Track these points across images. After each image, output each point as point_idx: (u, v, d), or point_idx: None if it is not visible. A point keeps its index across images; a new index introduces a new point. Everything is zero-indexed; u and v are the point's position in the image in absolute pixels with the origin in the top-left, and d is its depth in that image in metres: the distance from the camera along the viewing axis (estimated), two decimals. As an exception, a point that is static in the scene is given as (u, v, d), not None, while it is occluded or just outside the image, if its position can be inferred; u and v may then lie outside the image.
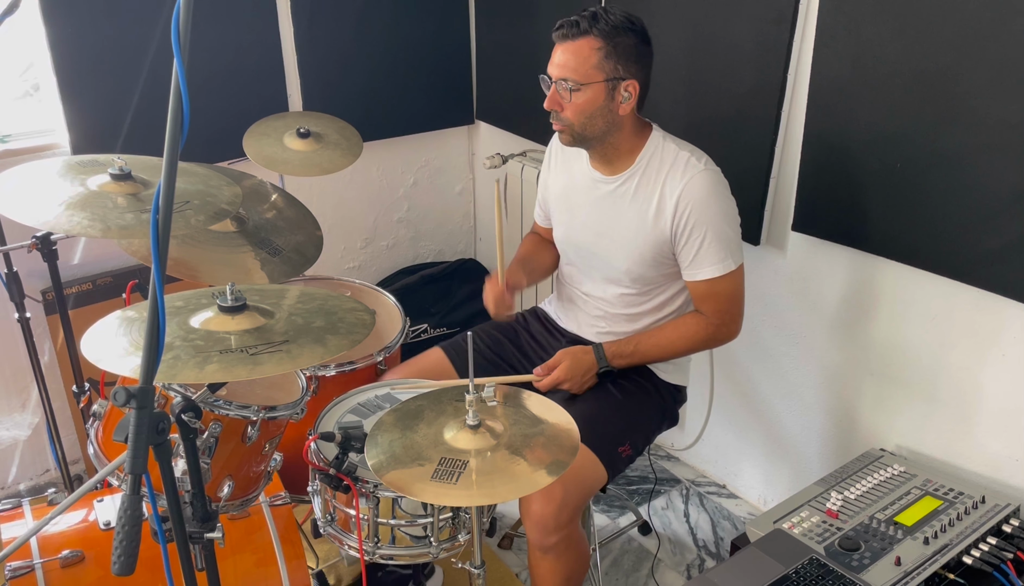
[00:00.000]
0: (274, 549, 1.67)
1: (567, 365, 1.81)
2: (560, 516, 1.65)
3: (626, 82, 1.67)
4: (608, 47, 1.64)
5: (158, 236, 0.94)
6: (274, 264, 1.76)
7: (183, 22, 0.90)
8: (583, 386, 1.83)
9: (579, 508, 1.71)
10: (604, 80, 1.66)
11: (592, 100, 1.67)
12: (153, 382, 0.98)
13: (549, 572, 1.72)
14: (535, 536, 1.68)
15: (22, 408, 2.49)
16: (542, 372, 1.82)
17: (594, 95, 1.67)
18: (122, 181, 1.48)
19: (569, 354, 1.83)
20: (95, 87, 2.33)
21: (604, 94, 1.67)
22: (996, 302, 1.72)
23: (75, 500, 1.15)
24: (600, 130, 1.72)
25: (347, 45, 2.75)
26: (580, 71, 1.65)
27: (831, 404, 2.17)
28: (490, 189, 3.22)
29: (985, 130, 1.64)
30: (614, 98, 1.68)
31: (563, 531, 1.67)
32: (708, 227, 1.70)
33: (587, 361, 1.82)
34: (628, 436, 1.81)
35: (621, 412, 1.82)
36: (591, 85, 1.66)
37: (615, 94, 1.68)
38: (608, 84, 1.66)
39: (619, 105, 1.69)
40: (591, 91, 1.66)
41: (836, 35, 1.86)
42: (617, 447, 1.78)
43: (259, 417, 1.47)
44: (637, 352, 1.84)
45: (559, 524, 1.65)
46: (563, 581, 1.73)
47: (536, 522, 1.66)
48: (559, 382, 1.81)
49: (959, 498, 1.71)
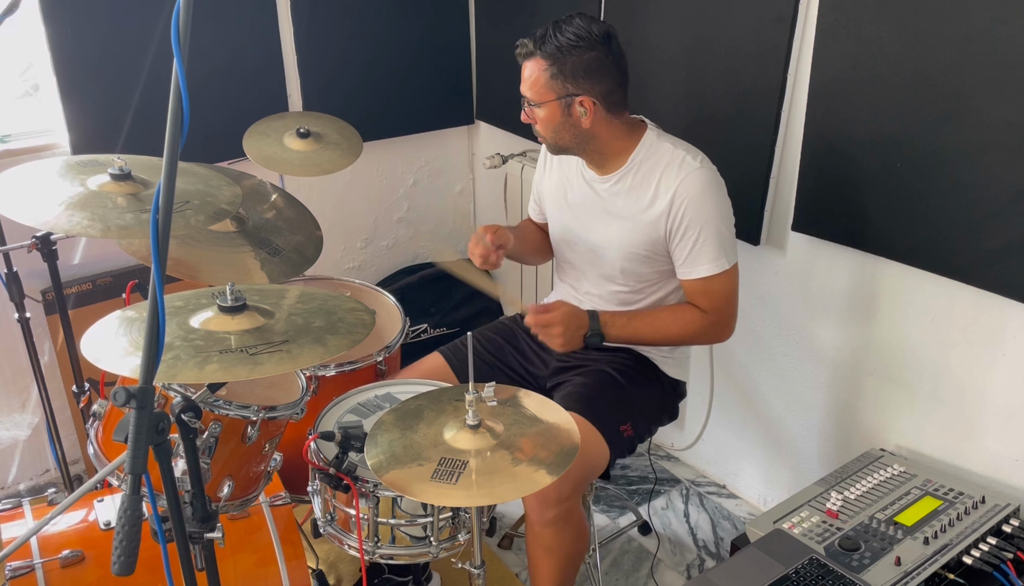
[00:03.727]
0: (274, 549, 1.67)
1: (565, 311, 1.76)
2: (562, 488, 1.64)
3: (579, 98, 1.69)
4: (554, 68, 1.67)
5: (158, 236, 0.94)
6: (274, 264, 1.76)
7: (183, 22, 0.90)
8: (567, 342, 1.76)
9: (580, 483, 1.71)
10: (556, 98, 1.69)
11: (551, 117, 1.73)
12: (153, 382, 0.98)
13: (548, 549, 1.71)
14: (535, 509, 1.68)
15: (22, 408, 2.49)
16: (538, 309, 1.78)
17: (551, 112, 1.72)
18: (122, 181, 1.48)
19: (567, 304, 1.80)
20: (95, 87, 2.33)
21: (560, 111, 1.71)
22: (996, 302, 1.72)
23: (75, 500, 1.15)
24: (572, 142, 1.76)
25: (347, 45, 2.75)
26: (534, 90, 1.72)
27: (831, 404, 2.17)
28: (491, 189, 3.22)
29: (985, 130, 1.64)
30: (571, 114, 1.71)
31: (564, 504, 1.66)
32: (703, 225, 1.70)
33: (581, 317, 1.78)
34: (629, 416, 1.81)
35: (621, 391, 1.83)
36: (545, 103, 1.71)
37: (571, 110, 1.71)
38: (561, 102, 1.70)
39: (578, 120, 1.71)
40: (547, 109, 1.72)
41: (836, 35, 1.86)
42: (618, 425, 1.78)
43: (259, 417, 1.47)
44: (630, 326, 1.81)
45: (560, 496, 1.65)
46: (562, 558, 1.72)
47: (537, 493, 1.64)
48: (550, 323, 1.75)
49: (959, 498, 1.71)
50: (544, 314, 1.76)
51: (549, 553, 1.71)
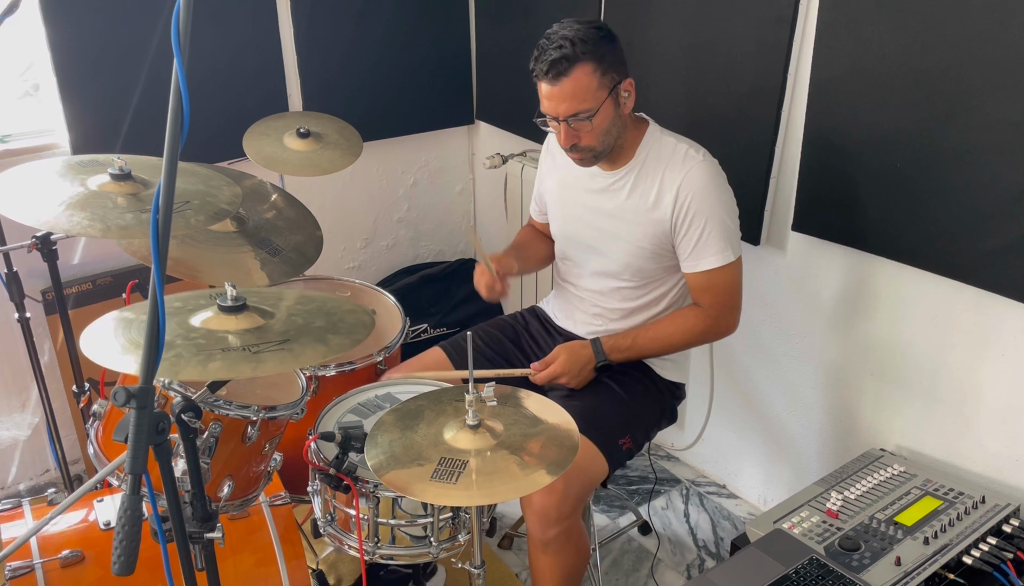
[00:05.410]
0: (274, 549, 1.67)
1: (564, 359, 1.81)
2: (562, 507, 1.65)
3: (623, 84, 1.70)
4: (600, 64, 1.65)
5: (158, 236, 0.94)
6: (274, 264, 1.76)
7: (183, 22, 0.90)
8: (581, 381, 1.83)
9: (580, 500, 1.71)
10: (608, 94, 1.67)
11: (606, 117, 1.69)
12: (153, 382, 0.98)
13: (550, 566, 1.72)
14: (536, 528, 1.69)
15: (22, 408, 2.49)
16: (539, 367, 1.82)
17: (605, 113, 1.69)
18: (122, 181, 1.48)
19: (566, 349, 1.83)
20: (95, 87, 2.33)
21: (613, 106, 1.69)
22: (996, 302, 1.72)
23: (75, 500, 1.15)
24: (616, 138, 1.74)
25: (347, 45, 2.75)
26: (589, 99, 1.65)
27: (831, 404, 2.17)
28: (491, 189, 3.22)
29: (985, 130, 1.64)
30: (619, 104, 1.71)
31: (564, 523, 1.67)
32: (708, 217, 1.71)
33: (584, 355, 1.82)
34: (628, 429, 1.81)
35: (621, 405, 1.83)
36: (602, 105, 1.67)
37: (619, 100, 1.71)
38: (612, 95, 1.68)
39: (623, 106, 1.72)
40: (604, 110, 1.68)
41: (836, 35, 1.86)
42: (617, 439, 1.78)
43: (259, 417, 1.47)
44: (635, 346, 1.83)
45: (561, 515, 1.66)
46: (564, 575, 1.73)
47: (537, 513, 1.66)
48: (556, 376, 1.81)
49: (959, 498, 1.71)
50: (546, 369, 1.81)
51: (551, 570, 1.73)
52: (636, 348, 1.84)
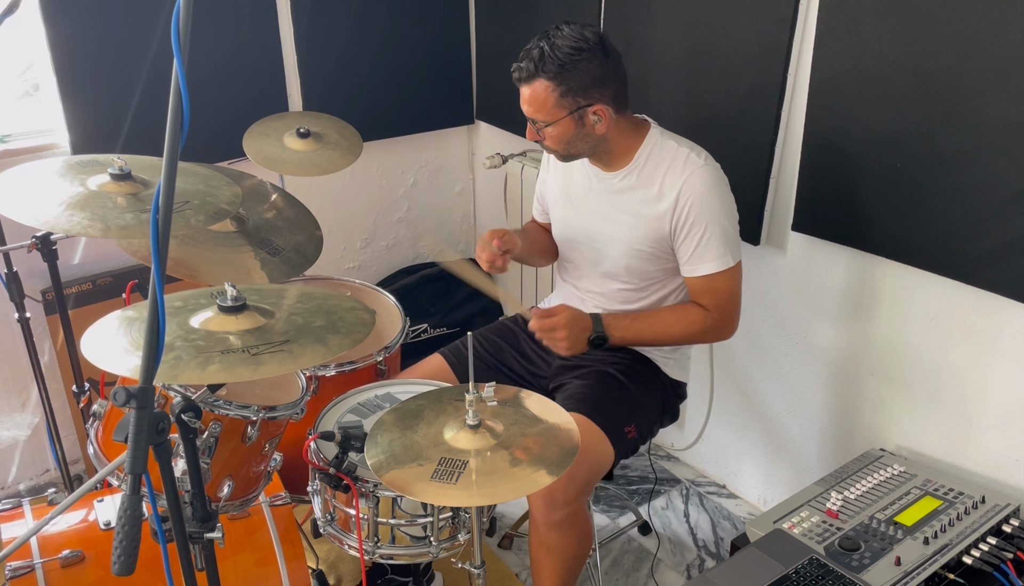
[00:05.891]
0: (274, 549, 1.67)
1: (568, 315, 1.77)
2: (568, 490, 1.65)
3: (592, 108, 1.68)
4: (562, 87, 1.64)
5: (158, 236, 0.94)
6: (274, 264, 1.76)
7: (183, 22, 0.90)
8: (573, 345, 1.78)
9: (586, 485, 1.71)
10: (568, 114, 1.67)
11: (564, 132, 1.70)
12: (153, 382, 0.98)
13: (551, 550, 1.71)
14: (541, 511, 1.68)
15: (22, 408, 2.49)
16: (541, 314, 1.78)
17: (563, 128, 1.69)
18: (122, 181, 1.48)
19: (571, 309, 1.81)
20: (95, 87, 2.33)
21: (573, 124, 1.69)
22: (996, 302, 1.72)
23: (75, 500, 1.15)
24: (585, 149, 1.75)
25: (347, 45, 2.75)
26: (543, 111, 1.68)
27: (831, 404, 2.17)
28: (491, 189, 3.22)
29: (985, 130, 1.64)
30: (584, 125, 1.70)
31: (570, 506, 1.67)
32: (709, 222, 1.70)
33: (585, 320, 1.79)
34: (633, 418, 1.82)
35: (627, 395, 1.84)
36: (558, 121, 1.68)
37: (584, 121, 1.69)
38: (574, 115, 1.68)
39: (592, 128, 1.71)
40: (560, 126, 1.69)
41: (836, 35, 1.86)
42: (623, 427, 1.79)
43: (259, 417, 1.47)
44: (633, 327, 1.82)
45: (567, 498, 1.66)
46: (565, 560, 1.73)
47: (543, 494, 1.65)
48: (554, 328, 1.76)
49: (959, 498, 1.71)
50: (548, 318, 1.77)
51: (552, 554, 1.72)
52: (634, 330, 1.82)
